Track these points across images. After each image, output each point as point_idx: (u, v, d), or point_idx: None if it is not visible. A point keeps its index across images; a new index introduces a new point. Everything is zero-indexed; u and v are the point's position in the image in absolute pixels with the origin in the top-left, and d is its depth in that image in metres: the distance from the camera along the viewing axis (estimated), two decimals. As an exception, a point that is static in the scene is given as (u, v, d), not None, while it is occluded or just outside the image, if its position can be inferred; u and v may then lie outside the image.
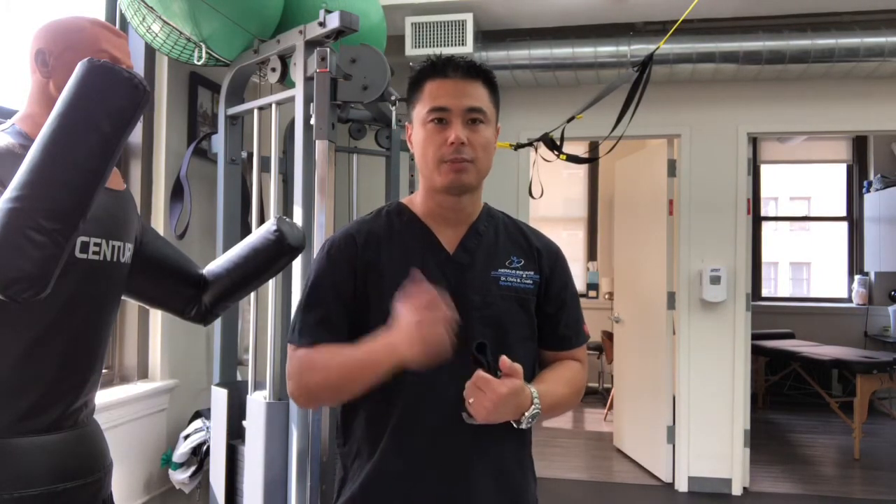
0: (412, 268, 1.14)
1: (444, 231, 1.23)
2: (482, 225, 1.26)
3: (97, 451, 1.29)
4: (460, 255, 1.22)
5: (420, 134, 1.19)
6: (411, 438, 1.17)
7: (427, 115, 1.17)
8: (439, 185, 1.18)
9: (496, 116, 1.24)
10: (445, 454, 1.17)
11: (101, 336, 1.30)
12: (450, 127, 1.16)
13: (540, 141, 2.91)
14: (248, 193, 2.57)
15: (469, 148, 1.16)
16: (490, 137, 1.20)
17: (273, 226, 1.58)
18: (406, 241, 1.23)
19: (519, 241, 1.28)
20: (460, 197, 1.21)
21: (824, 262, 9.59)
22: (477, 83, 1.19)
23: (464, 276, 1.20)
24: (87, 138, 1.04)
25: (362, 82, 2.06)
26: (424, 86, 1.19)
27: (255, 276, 1.61)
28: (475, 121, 1.17)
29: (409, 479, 1.16)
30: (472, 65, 1.19)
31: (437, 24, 3.28)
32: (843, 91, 3.76)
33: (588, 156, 4.54)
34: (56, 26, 1.25)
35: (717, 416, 3.89)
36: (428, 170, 1.19)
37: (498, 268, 1.22)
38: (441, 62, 1.19)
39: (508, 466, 1.21)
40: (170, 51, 2.23)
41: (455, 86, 1.17)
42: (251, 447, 2.14)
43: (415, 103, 1.22)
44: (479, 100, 1.18)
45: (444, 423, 1.15)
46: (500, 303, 1.20)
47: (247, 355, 2.44)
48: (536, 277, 1.25)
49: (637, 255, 4.46)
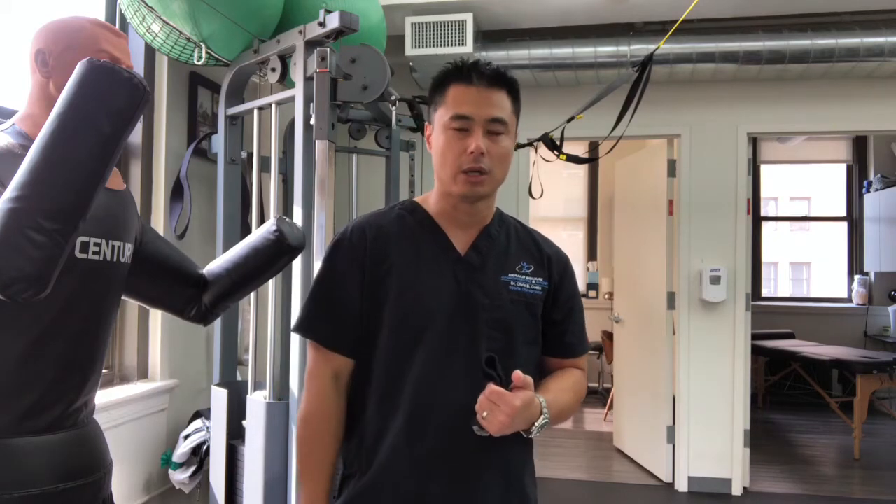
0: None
1: (456, 232, 1.24)
2: (494, 229, 1.26)
3: (97, 451, 1.29)
4: (471, 257, 1.22)
5: (441, 139, 1.19)
6: (415, 447, 1.16)
7: (450, 121, 1.17)
8: (455, 193, 1.19)
9: (516, 125, 1.23)
10: (451, 462, 1.16)
11: (101, 336, 1.30)
12: (471, 136, 1.15)
13: (540, 141, 2.91)
14: (248, 193, 2.57)
15: (488, 158, 1.15)
16: (509, 147, 1.20)
17: (273, 226, 1.58)
18: (417, 239, 1.23)
19: (530, 248, 1.28)
20: (475, 204, 1.22)
21: (824, 262, 9.60)
22: (501, 92, 1.18)
23: (474, 278, 1.21)
24: (87, 138, 1.04)
25: (362, 82, 2.06)
26: (448, 90, 1.18)
27: (255, 276, 1.61)
28: (497, 132, 1.17)
29: (414, 487, 1.16)
30: (498, 73, 1.18)
31: (437, 24, 3.28)
32: (843, 91, 3.76)
33: (588, 156, 4.54)
34: (56, 26, 1.25)
35: (716, 416, 3.89)
36: (445, 175, 1.19)
37: (508, 272, 1.23)
38: (467, 67, 1.18)
39: (516, 473, 1.23)
40: (170, 51, 2.23)
41: (479, 94, 1.16)
42: (251, 447, 2.14)
43: (437, 106, 1.21)
44: (501, 110, 1.17)
45: (449, 431, 1.15)
46: (509, 306, 1.21)
47: (247, 355, 2.44)
48: (545, 284, 1.25)
49: (637, 255, 4.46)
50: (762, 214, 6.98)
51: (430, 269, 1.20)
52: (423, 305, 1.18)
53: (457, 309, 1.18)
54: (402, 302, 1.19)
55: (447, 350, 1.17)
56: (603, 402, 6.01)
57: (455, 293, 1.19)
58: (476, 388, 1.08)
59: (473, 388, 1.09)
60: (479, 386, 1.08)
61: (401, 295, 1.19)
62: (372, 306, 1.20)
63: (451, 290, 1.19)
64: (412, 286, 1.19)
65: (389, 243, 1.22)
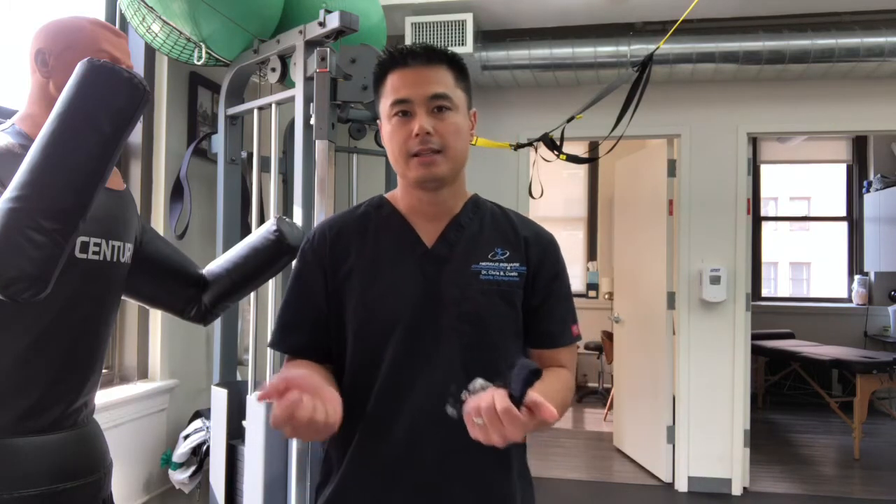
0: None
1: (424, 225, 1.18)
2: (465, 217, 1.19)
3: (97, 451, 1.29)
4: (439, 249, 1.16)
5: (386, 129, 1.14)
6: (382, 445, 1.12)
7: (390, 108, 1.12)
8: (411, 179, 1.13)
9: (467, 101, 1.16)
10: (416, 470, 1.11)
11: (101, 336, 1.30)
12: (414, 119, 1.09)
13: (540, 141, 2.91)
14: (248, 193, 2.57)
15: (436, 137, 1.09)
16: (460, 123, 1.12)
17: (273, 226, 1.58)
18: (380, 237, 1.18)
19: (505, 232, 1.20)
20: (437, 192, 1.15)
21: (824, 262, 9.59)
22: (440, 68, 1.12)
23: (441, 270, 1.14)
24: (87, 138, 1.04)
25: (362, 82, 2.06)
26: (386, 79, 1.13)
27: (255, 276, 1.61)
28: (441, 108, 1.10)
29: (379, 493, 1.12)
30: (433, 49, 1.13)
31: (437, 24, 3.28)
32: (843, 91, 3.76)
33: (588, 156, 4.54)
34: (56, 26, 1.25)
35: (717, 416, 3.89)
36: (398, 165, 1.13)
37: (479, 261, 1.15)
38: (399, 52, 1.12)
39: (489, 471, 1.14)
40: (170, 51, 2.23)
41: (416, 74, 1.10)
42: (251, 447, 2.14)
43: (379, 98, 1.16)
44: (442, 85, 1.11)
45: (417, 429, 1.10)
46: (480, 298, 1.13)
47: (247, 355, 2.44)
48: (522, 269, 1.17)
49: (637, 255, 4.46)
50: (762, 214, 6.98)
51: (394, 266, 1.15)
52: (385, 306, 1.13)
53: (424, 306, 1.12)
54: (363, 305, 1.13)
55: (413, 352, 1.11)
56: (603, 402, 6.01)
57: (421, 289, 1.13)
58: (444, 392, 0.98)
59: (440, 393, 0.99)
60: (447, 390, 0.97)
61: (362, 297, 1.13)
62: (337, 312, 1.16)
63: (417, 286, 1.13)
64: (373, 287, 1.14)
65: (350, 244, 1.17)
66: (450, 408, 0.95)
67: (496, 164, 3.84)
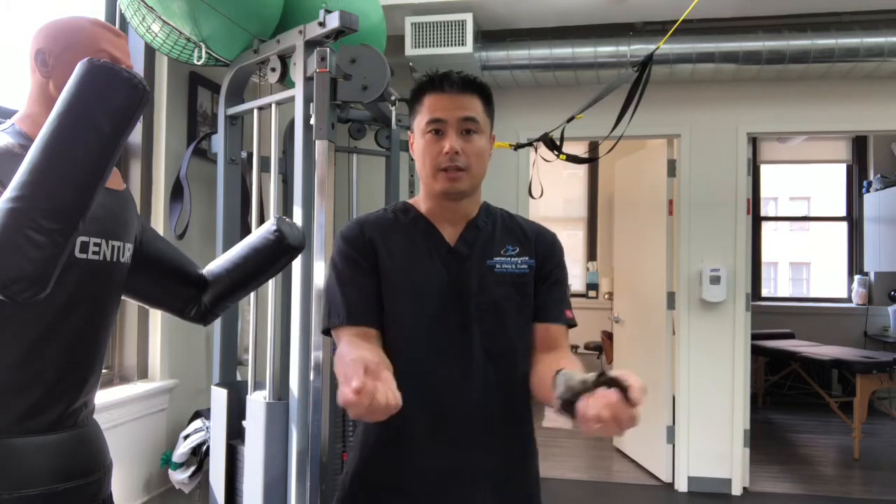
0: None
1: (445, 227, 1.33)
2: (481, 221, 1.35)
3: (97, 452, 1.29)
4: (460, 248, 1.31)
5: (419, 143, 1.30)
6: (410, 425, 1.22)
7: (426, 125, 1.27)
8: (437, 190, 1.29)
9: (490, 126, 1.33)
10: (440, 442, 1.25)
11: (101, 336, 1.30)
12: (445, 137, 1.26)
13: (540, 141, 2.91)
14: (248, 193, 2.57)
15: (463, 157, 1.25)
16: (483, 146, 1.29)
17: (273, 226, 1.58)
18: (412, 233, 1.33)
19: (515, 232, 1.37)
20: (458, 202, 1.32)
21: (824, 262, 9.59)
22: (472, 96, 1.28)
23: (463, 267, 1.30)
24: (87, 138, 1.04)
25: (362, 82, 2.06)
26: (424, 99, 1.29)
27: (255, 276, 1.61)
28: (469, 131, 1.26)
29: (423, 460, 1.25)
30: (468, 79, 1.29)
31: (437, 24, 3.28)
32: (843, 91, 3.76)
33: (588, 156, 4.54)
34: (55, 26, 1.25)
35: (716, 416, 3.89)
36: (427, 177, 1.29)
37: (493, 256, 1.32)
38: (438, 77, 1.28)
39: (517, 445, 1.30)
40: (170, 51, 2.23)
41: (451, 100, 1.27)
42: (251, 447, 2.14)
43: (415, 115, 1.32)
44: (473, 111, 1.27)
45: (443, 416, 1.24)
46: (496, 288, 1.29)
47: (247, 355, 2.44)
48: (531, 262, 1.34)
49: (637, 255, 4.46)
50: (762, 214, 6.99)
51: (422, 262, 1.30)
52: (416, 298, 1.28)
53: (449, 296, 1.28)
54: (399, 291, 1.28)
55: (438, 337, 1.26)
56: (603, 402, 6.00)
57: (447, 282, 1.28)
58: (468, 368, 1.23)
59: (465, 368, 1.23)
60: (471, 367, 1.23)
61: (394, 288, 1.28)
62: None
63: (444, 279, 1.29)
64: (404, 280, 1.29)
65: (383, 239, 1.31)
66: (557, 411, 1.05)
67: (496, 164, 3.80)
